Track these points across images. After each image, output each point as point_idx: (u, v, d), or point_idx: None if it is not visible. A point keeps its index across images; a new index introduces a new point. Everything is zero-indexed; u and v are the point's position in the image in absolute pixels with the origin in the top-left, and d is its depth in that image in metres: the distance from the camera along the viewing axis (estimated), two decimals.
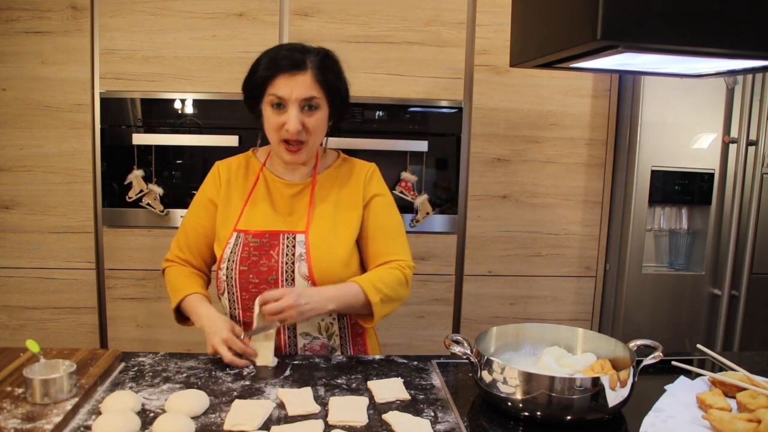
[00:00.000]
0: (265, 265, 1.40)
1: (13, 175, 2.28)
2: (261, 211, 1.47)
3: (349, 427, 1.06)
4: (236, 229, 1.45)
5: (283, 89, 1.35)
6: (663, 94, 2.29)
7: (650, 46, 0.98)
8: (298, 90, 1.35)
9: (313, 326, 1.44)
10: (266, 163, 1.52)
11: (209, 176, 1.55)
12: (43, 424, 1.01)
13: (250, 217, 1.46)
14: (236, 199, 1.49)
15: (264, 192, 1.49)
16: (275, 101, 1.37)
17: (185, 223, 1.55)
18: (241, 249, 1.42)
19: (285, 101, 1.36)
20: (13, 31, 2.20)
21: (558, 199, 2.47)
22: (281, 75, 1.36)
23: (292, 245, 1.42)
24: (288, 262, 1.40)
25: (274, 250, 1.41)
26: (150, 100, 2.27)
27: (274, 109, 1.37)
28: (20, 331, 2.35)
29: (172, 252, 1.57)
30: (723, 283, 2.38)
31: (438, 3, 2.30)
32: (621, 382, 1.08)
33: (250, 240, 1.43)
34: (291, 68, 1.36)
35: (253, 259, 1.41)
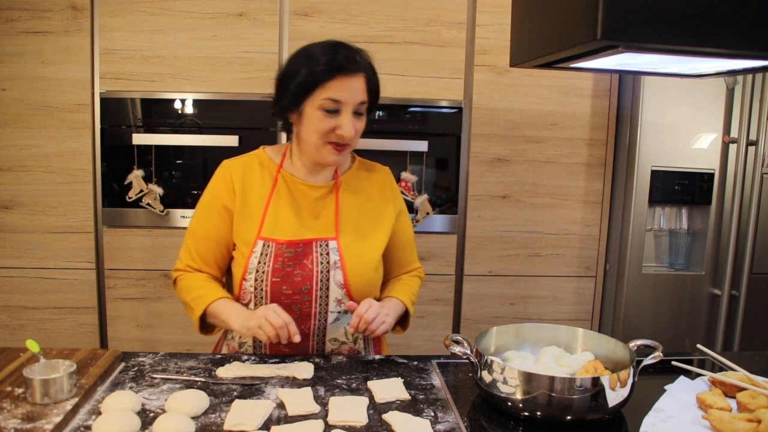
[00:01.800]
0: (299, 275, 1.36)
1: (13, 175, 2.28)
2: (285, 216, 1.40)
3: (349, 427, 1.06)
4: (261, 236, 1.38)
5: (341, 93, 1.29)
6: (663, 94, 2.29)
7: (650, 46, 0.98)
8: (354, 94, 1.31)
9: (340, 332, 1.44)
10: (283, 164, 1.45)
11: (219, 178, 1.44)
12: (43, 424, 1.01)
13: (275, 223, 1.39)
14: (254, 203, 1.41)
15: (286, 195, 1.42)
16: (329, 105, 1.30)
17: (195, 229, 1.45)
18: (273, 259, 1.36)
19: (341, 105, 1.31)
20: (13, 31, 2.20)
21: (558, 199, 2.47)
22: (338, 77, 1.29)
23: (325, 253, 1.38)
24: (323, 271, 1.37)
25: (307, 258, 1.37)
26: (150, 100, 2.27)
27: (326, 113, 1.31)
28: (20, 331, 2.35)
29: (182, 261, 1.45)
30: (723, 283, 2.38)
31: (438, 3, 2.30)
32: (621, 382, 1.08)
33: (284, 250, 1.36)
34: (349, 70, 1.30)
35: (287, 269, 1.36)
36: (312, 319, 1.39)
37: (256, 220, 1.39)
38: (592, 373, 1.15)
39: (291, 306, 1.36)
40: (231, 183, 1.42)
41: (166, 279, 2.34)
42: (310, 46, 1.35)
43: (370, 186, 1.49)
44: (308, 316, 1.39)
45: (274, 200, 1.41)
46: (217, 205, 1.42)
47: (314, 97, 1.30)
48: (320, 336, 1.42)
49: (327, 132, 1.32)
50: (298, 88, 1.31)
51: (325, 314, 1.39)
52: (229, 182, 1.42)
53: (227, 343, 1.50)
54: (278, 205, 1.41)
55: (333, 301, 1.39)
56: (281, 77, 1.37)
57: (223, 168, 1.46)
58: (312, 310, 1.38)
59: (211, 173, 2.33)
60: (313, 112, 1.32)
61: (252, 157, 1.47)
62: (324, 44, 1.34)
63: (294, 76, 1.32)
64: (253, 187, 1.42)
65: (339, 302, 1.40)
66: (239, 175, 1.43)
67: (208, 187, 1.46)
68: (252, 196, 1.41)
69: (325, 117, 1.31)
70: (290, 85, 1.33)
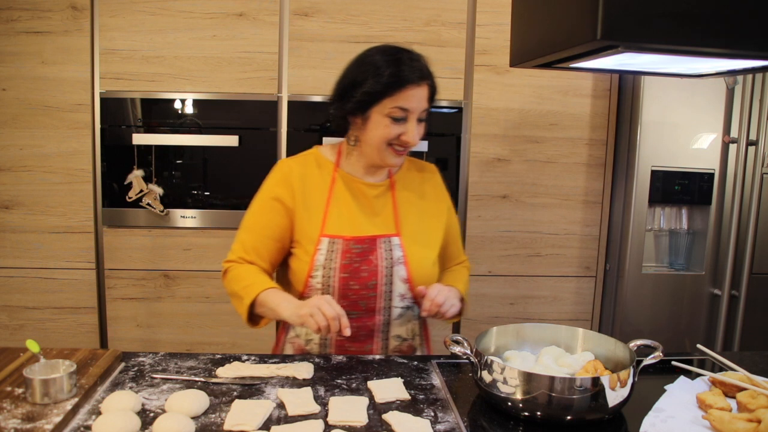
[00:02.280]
0: (365, 270, 1.39)
1: (13, 175, 2.28)
2: (346, 214, 1.43)
3: (349, 427, 1.06)
4: (324, 234, 1.40)
5: (409, 102, 1.33)
6: (663, 94, 2.29)
7: (650, 46, 0.98)
8: (420, 103, 1.35)
9: (404, 329, 1.47)
10: (339, 164, 1.47)
11: (278, 176, 1.46)
12: (43, 424, 1.01)
13: (337, 221, 1.42)
14: (315, 201, 1.43)
15: (345, 194, 1.44)
16: (398, 114, 1.33)
17: (251, 224, 1.46)
18: (341, 256, 1.39)
19: (408, 114, 1.34)
20: (13, 31, 2.20)
21: (558, 199, 2.47)
22: (409, 86, 1.32)
23: (389, 249, 1.42)
24: (387, 266, 1.41)
25: (372, 254, 1.40)
26: (150, 100, 2.27)
27: (393, 120, 1.34)
28: (20, 331, 2.35)
29: (235, 253, 1.45)
30: (723, 283, 2.38)
31: (438, 3, 2.30)
32: (621, 382, 1.08)
33: (351, 246, 1.39)
34: (419, 79, 1.33)
35: (355, 265, 1.39)
36: (377, 315, 1.42)
37: (318, 218, 1.42)
38: (592, 373, 1.15)
39: (358, 302, 1.40)
40: (290, 181, 1.44)
41: (166, 279, 2.35)
42: (373, 54, 1.37)
43: (422, 184, 1.53)
44: (373, 312, 1.42)
45: (334, 198, 1.44)
46: (274, 202, 1.44)
47: (382, 105, 1.34)
48: (385, 333, 1.45)
49: (390, 138, 1.36)
50: (366, 96, 1.34)
51: (390, 309, 1.43)
52: (288, 180, 1.44)
53: (290, 341, 1.51)
54: (339, 203, 1.44)
55: (397, 296, 1.42)
56: (346, 83, 1.39)
57: (281, 166, 1.48)
58: (377, 305, 1.42)
59: (211, 173, 2.36)
60: (381, 118, 1.35)
61: (308, 156, 1.50)
62: (388, 51, 1.37)
63: (360, 84, 1.35)
64: (313, 186, 1.44)
65: (402, 297, 1.43)
66: (298, 174, 1.45)
67: (264, 184, 1.48)
68: (312, 194, 1.44)
69: (391, 124, 1.35)
70: (356, 92, 1.35)
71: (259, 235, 1.44)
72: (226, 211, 2.34)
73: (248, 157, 2.32)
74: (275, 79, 2.29)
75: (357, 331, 1.41)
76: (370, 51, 1.38)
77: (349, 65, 1.41)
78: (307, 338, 1.46)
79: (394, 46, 1.39)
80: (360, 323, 1.41)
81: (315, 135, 2.32)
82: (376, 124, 1.36)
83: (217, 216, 2.34)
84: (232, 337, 2.39)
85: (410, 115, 1.35)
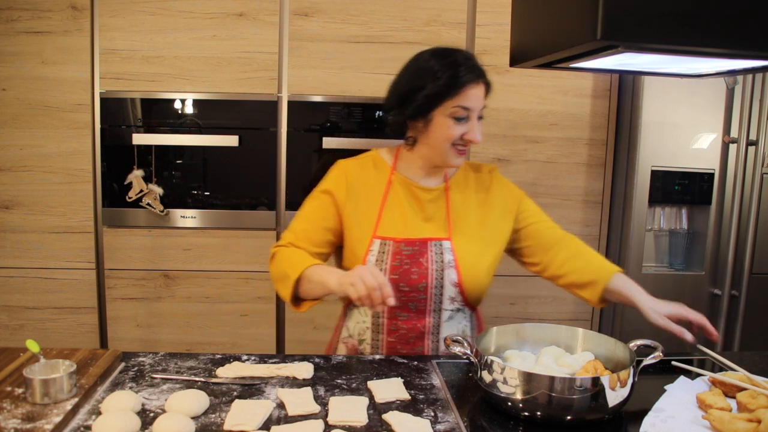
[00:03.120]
0: (416, 273, 1.40)
1: (13, 175, 2.28)
2: (400, 216, 1.45)
3: (349, 427, 1.06)
4: (377, 235, 1.42)
5: (470, 101, 1.36)
6: (663, 94, 2.29)
7: (650, 46, 0.98)
8: (479, 101, 1.38)
9: (454, 331, 1.47)
10: (396, 167, 1.49)
11: (335, 175, 1.49)
12: (43, 424, 1.01)
13: (390, 223, 1.43)
14: (368, 203, 1.45)
15: (400, 197, 1.46)
16: (460, 113, 1.36)
17: (306, 214, 1.47)
18: (392, 257, 1.40)
19: (469, 112, 1.37)
20: (13, 31, 2.20)
21: (558, 199, 2.47)
22: (468, 85, 1.35)
23: (440, 252, 1.43)
24: (438, 269, 1.41)
25: (423, 257, 1.42)
26: (150, 100, 2.27)
27: (455, 120, 1.37)
28: (20, 331, 2.35)
29: (286, 239, 1.46)
30: (723, 283, 2.38)
31: (438, 3, 2.30)
32: (621, 382, 1.08)
33: (402, 248, 1.41)
34: (477, 78, 1.37)
35: (405, 267, 1.40)
36: (427, 317, 1.44)
37: (371, 219, 1.44)
38: (592, 373, 1.15)
39: (408, 303, 1.41)
40: (345, 181, 1.46)
41: (166, 279, 2.35)
42: (427, 59, 1.40)
43: (478, 187, 1.53)
44: (423, 314, 1.43)
45: (388, 200, 1.46)
46: (324, 194, 1.47)
47: (444, 107, 1.36)
48: (435, 335, 1.45)
49: (454, 137, 1.38)
50: (427, 99, 1.36)
51: (440, 312, 1.44)
52: (342, 180, 1.47)
53: (343, 341, 1.51)
54: (393, 206, 1.45)
55: (447, 299, 1.43)
56: (405, 90, 1.41)
57: (339, 167, 1.50)
58: (427, 308, 1.43)
59: (211, 173, 2.36)
60: (443, 119, 1.38)
61: (366, 159, 1.52)
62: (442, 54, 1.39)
63: (420, 89, 1.37)
64: (367, 188, 1.46)
65: (452, 300, 1.44)
66: (354, 175, 1.47)
67: (321, 182, 1.50)
68: (366, 196, 1.46)
69: (454, 124, 1.37)
70: (416, 96, 1.37)
71: (314, 225, 1.46)
72: (226, 211, 2.34)
73: (248, 157, 2.32)
74: (275, 79, 2.29)
75: (407, 332, 1.44)
76: (423, 56, 1.42)
77: (404, 72, 1.44)
78: (360, 338, 1.48)
79: (445, 47, 1.42)
80: (410, 325, 1.43)
81: (315, 135, 2.32)
82: (439, 125, 1.38)
83: (217, 216, 2.34)
84: (232, 337, 2.39)
85: (471, 114, 1.38)
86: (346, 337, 1.51)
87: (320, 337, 2.39)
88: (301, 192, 2.34)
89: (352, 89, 2.31)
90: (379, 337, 1.45)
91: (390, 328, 1.44)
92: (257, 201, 2.35)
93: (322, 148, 2.32)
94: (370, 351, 1.46)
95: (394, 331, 1.44)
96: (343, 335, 1.52)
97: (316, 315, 2.39)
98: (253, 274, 2.36)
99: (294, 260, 1.39)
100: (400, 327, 1.44)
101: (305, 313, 2.36)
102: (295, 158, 2.32)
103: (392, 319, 1.44)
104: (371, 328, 1.45)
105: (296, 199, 2.34)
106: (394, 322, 1.44)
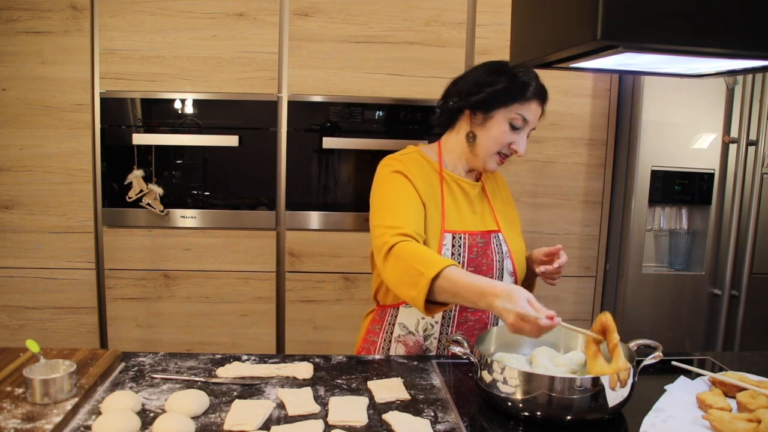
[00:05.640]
0: (485, 264, 1.46)
1: (13, 175, 2.28)
2: (457, 211, 1.48)
3: (349, 427, 1.06)
4: (447, 230, 1.44)
5: (531, 114, 1.42)
6: (663, 94, 2.29)
7: (650, 46, 0.98)
8: (536, 119, 1.44)
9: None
10: (442, 163, 1.51)
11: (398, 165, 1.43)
12: (43, 424, 1.01)
13: (454, 217, 1.47)
14: (430, 197, 1.44)
15: (454, 191, 1.50)
16: (518, 122, 1.41)
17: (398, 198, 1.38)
18: (468, 250, 1.44)
19: (525, 125, 1.42)
20: (13, 31, 2.20)
21: (558, 199, 2.47)
22: (536, 100, 1.42)
23: (498, 243, 1.49)
24: (499, 260, 1.48)
25: (488, 249, 1.47)
26: (150, 100, 2.27)
27: (511, 127, 1.42)
28: (20, 331, 2.35)
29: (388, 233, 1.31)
30: (723, 283, 2.38)
31: (438, 3, 2.30)
32: (621, 382, 1.08)
33: (477, 240, 1.46)
34: (543, 98, 1.44)
35: (479, 259, 1.45)
36: None
37: (438, 213, 1.45)
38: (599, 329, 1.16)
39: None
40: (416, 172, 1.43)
41: (166, 279, 2.35)
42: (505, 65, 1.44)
43: (497, 187, 1.62)
44: None
45: (446, 194, 1.48)
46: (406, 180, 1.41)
47: (509, 109, 1.41)
48: (495, 325, 1.50)
49: (503, 144, 1.43)
50: (498, 94, 1.41)
51: None
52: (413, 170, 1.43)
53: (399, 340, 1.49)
54: (451, 199, 1.49)
55: None
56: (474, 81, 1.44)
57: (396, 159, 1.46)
58: None
59: (211, 173, 2.36)
60: (503, 121, 1.42)
61: (413, 154, 1.50)
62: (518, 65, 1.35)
63: (492, 84, 1.41)
64: (426, 182, 1.46)
65: None
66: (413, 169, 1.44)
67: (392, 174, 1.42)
68: (431, 189, 1.46)
69: (509, 131, 1.42)
70: (486, 89, 1.42)
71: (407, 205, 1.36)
72: (226, 211, 2.34)
73: (248, 157, 2.32)
74: (275, 79, 2.29)
75: (475, 324, 1.48)
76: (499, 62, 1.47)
77: (476, 69, 1.48)
78: (426, 334, 1.48)
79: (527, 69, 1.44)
80: (476, 316, 1.48)
81: (315, 135, 2.32)
82: (497, 124, 1.42)
83: (217, 216, 2.34)
84: (232, 337, 2.39)
85: (526, 127, 1.43)
86: (404, 335, 1.49)
87: (320, 337, 2.39)
88: (301, 192, 2.35)
89: (352, 89, 2.32)
90: (448, 330, 1.47)
91: (460, 321, 1.47)
92: (257, 201, 2.35)
93: (322, 148, 2.32)
94: (437, 345, 1.48)
95: (463, 323, 1.47)
96: (397, 334, 1.50)
97: (316, 315, 2.39)
98: (253, 274, 2.36)
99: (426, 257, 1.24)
100: (468, 318, 1.47)
101: (305, 313, 2.38)
102: (295, 158, 2.32)
103: (463, 311, 1.47)
104: (440, 322, 1.47)
105: (296, 199, 2.35)
106: (465, 313, 1.47)
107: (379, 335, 1.53)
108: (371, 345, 1.54)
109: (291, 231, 2.35)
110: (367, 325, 1.58)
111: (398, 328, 1.50)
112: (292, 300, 2.38)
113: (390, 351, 1.51)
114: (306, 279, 2.37)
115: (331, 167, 2.37)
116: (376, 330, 1.54)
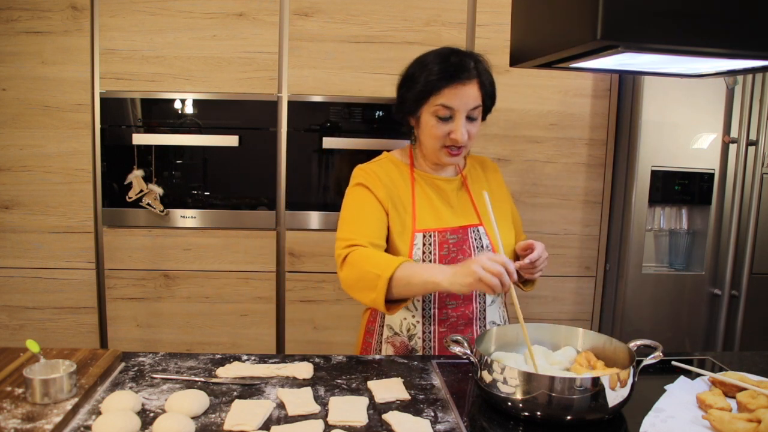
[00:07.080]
0: (461, 260, 1.42)
1: (13, 175, 2.28)
2: (431, 208, 1.48)
3: (349, 427, 1.06)
4: (417, 229, 1.44)
5: (453, 100, 1.37)
6: (663, 94, 2.29)
7: (650, 46, 0.98)
8: (466, 100, 1.37)
9: (497, 315, 1.52)
10: (414, 164, 1.53)
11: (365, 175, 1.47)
12: (43, 424, 1.01)
13: (426, 216, 1.46)
14: (402, 200, 1.47)
15: (426, 190, 1.50)
16: (442, 112, 1.38)
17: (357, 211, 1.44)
18: (439, 247, 1.43)
19: (454, 112, 1.38)
20: (13, 31, 2.20)
21: (558, 199, 2.47)
22: (452, 84, 1.36)
23: (478, 238, 1.48)
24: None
25: (465, 244, 1.46)
26: (150, 100, 2.27)
27: (439, 119, 1.39)
28: (20, 331, 2.35)
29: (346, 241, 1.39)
30: (723, 283, 2.38)
31: (438, 3, 2.30)
32: (621, 382, 1.08)
33: (448, 237, 1.45)
34: (462, 77, 1.36)
35: (452, 255, 1.44)
36: (473, 302, 1.47)
37: (408, 215, 1.45)
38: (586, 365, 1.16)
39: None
40: (378, 180, 1.47)
41: (166, 279, 2.35)
42: (426, 55, 1.42)
43: (486, 180, 1.60)
44: (470, 300, 1.47)
45: (417, 195, 1.48)
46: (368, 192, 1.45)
47: (429, 104, 1.39)
48: (482, 320, 1.49)
49: (442, 137, 1.40)
50: (415, 96, 1.40)
51: (484, 296, 1.49)
52: (375, 179, 1.47)
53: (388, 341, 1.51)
54: (422, 199, 1.48)
55: None
56: (400, 85, 1.46)
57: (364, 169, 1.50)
58: (473, 293, 1.46)
59: (211, 173, 2.35)
60: (429, 117, 1.41)
61: (383, 160, 1.54)
62: (438, 52, 1.41)
63: (411, 85, 1.41)
64: (396, 185, 1.49)
65: None
66: (381, 174, 1.49)
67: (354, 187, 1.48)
68: (397, 192, 1.48)
69: (439, 123, 1.40)
70: (408, 92, 1.42)
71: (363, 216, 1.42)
72: (226, 211, 2.34)
73: (248, 157, 2.32)
74: (275, 79, 2.29)
75: (457, 320, 1.47)
76: (424, 53, 1.44)
77: (406, 68, 1.47)
78: (409, 334, 1.48)
79: (447, 47, 1.44)
80: (459, 312, 1.46)
81: (315, 135, 2.32)
82: (426, 123, 1.41)
83: (217, 216, 2.34)
84: (232, 337, 2.39)
85: (456, 113, 1.38)
86: (391, 336, 1.50)
87: (320, 337, 2.39)
88: (301, 192, 2.35)
89: (352, 89, 2.32)
90: (430, 329, 1.46)
91: (440, 318, 1.46)
92: (257, 201, 2.35)
93: (322, 148, 2.32)
94: (422, 345, 1.47)
95: (445, 320, 1.46)
96: (386, 335, 1.51)
97: (316, 315, 2.39)
98: (253, 274, 2.36)
99: (378, 259, 1.31)
100: (450, 315, 1.46)
101: (305, 313, 2.38)
102: (295, 158, 2.32)
103: (442, 309, 1.46)
104: (422, 321, 1.46)
105: (296, 199, 2.35)
106: (444, 311, 1.46)
107: (373, 336, 1.56)
108: (368, 346, 1.57)
109: (291, 231, 2.36)
110: (365, 324, 1.60)
111: (386, 330, 1.52)
112: (292, 300, 2.38)
113: (381, 352, 1.52)
114: (306, 279, 2.38)
115: (331, 167, 2.37)
116: (371, 331, 1.56)
